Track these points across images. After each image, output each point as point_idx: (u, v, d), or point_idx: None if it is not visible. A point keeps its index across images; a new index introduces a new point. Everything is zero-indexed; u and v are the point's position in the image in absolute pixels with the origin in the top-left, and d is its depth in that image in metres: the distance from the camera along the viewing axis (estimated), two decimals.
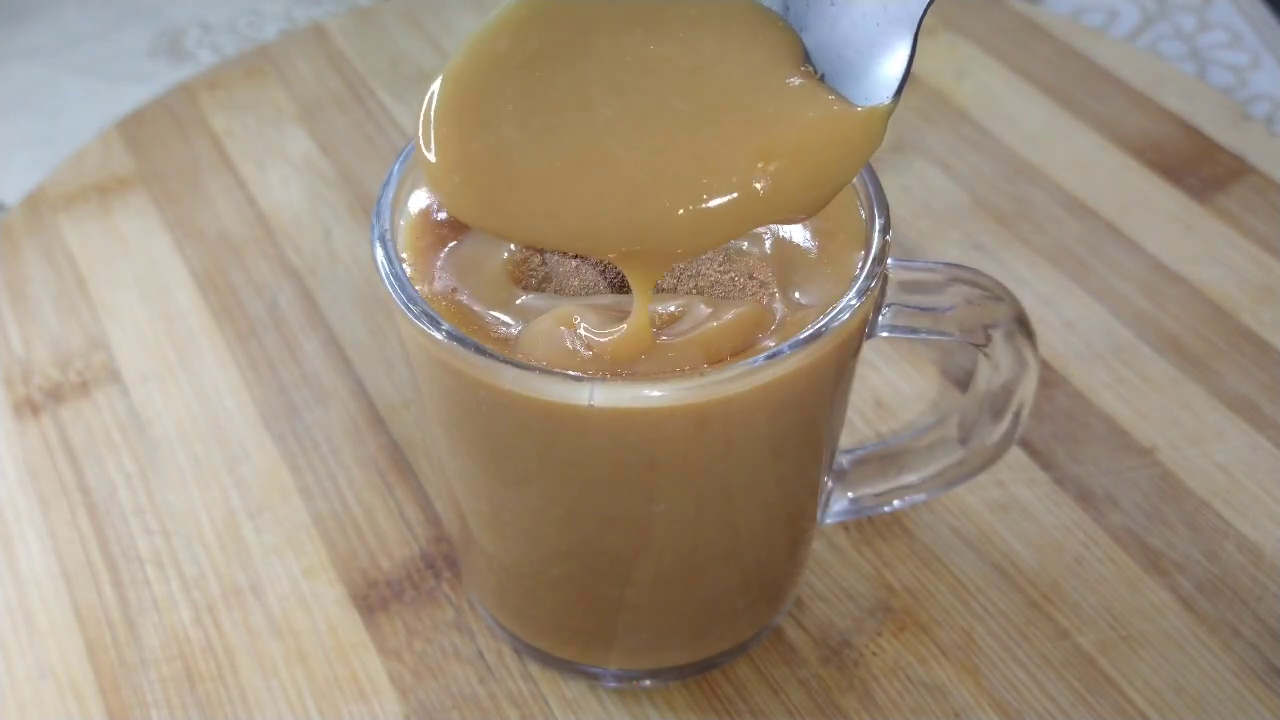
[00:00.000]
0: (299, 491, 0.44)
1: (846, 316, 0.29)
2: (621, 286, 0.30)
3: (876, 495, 0.39)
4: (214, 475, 0.44)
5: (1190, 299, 0.50)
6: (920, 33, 0.28)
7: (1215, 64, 0.63)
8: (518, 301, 0.30)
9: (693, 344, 0.28)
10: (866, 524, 0.42)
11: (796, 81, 0.28)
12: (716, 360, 0.28)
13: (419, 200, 0.33)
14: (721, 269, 0.30)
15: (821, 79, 0.28)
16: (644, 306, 0.28)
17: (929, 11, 0.27)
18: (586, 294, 0.30)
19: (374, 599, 0.41)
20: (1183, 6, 0.67)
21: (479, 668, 0.39)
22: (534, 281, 0.31)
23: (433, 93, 0.28)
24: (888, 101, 0.27)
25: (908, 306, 0.33)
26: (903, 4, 0.27)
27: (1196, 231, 0.52)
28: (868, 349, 0.45)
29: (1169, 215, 0.53)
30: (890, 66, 0.27)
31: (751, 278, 0.30)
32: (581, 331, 0.28)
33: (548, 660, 0.39)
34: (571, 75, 0.28)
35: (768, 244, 0.31)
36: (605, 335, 0.28)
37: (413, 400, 0.46)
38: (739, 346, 0.29)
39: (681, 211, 0.27)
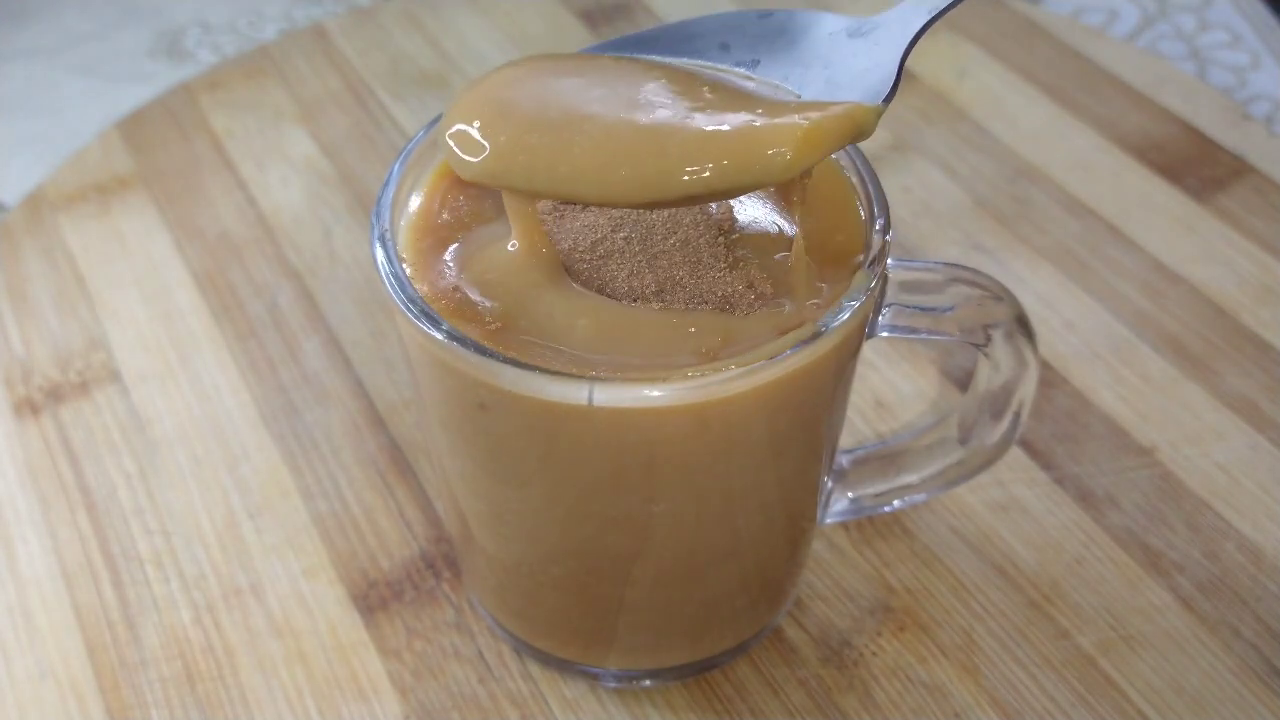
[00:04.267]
0: (299, 491, 0.44)
1: (846, 317, 0.29)
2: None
3: (876, 495, 0.39)
4: (214, 475, 0.44)
5: (1190, 299, 0.50)
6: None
7: (1215, 64, 0.63)
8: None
9: None
10: (866, 524, 0.42)
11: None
12: None
13: (419, 200, 0.33)
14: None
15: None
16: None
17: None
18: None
19: (374, 599, 0.41)
20: (1183, 6, 0.67)
21: (479, 668, 0.39)
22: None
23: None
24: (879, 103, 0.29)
25: (908, 306, 0.33)
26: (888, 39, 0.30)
27: (1196, 231, 0.52)
28: (868, 349, 0.45)
29: (1169, 215, 0.53)
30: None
31: (750, 287, 0.30)
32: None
33: (548, 660, 0.39)
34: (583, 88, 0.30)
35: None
36: None
37: (413, 400, 0.46)
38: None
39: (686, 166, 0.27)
